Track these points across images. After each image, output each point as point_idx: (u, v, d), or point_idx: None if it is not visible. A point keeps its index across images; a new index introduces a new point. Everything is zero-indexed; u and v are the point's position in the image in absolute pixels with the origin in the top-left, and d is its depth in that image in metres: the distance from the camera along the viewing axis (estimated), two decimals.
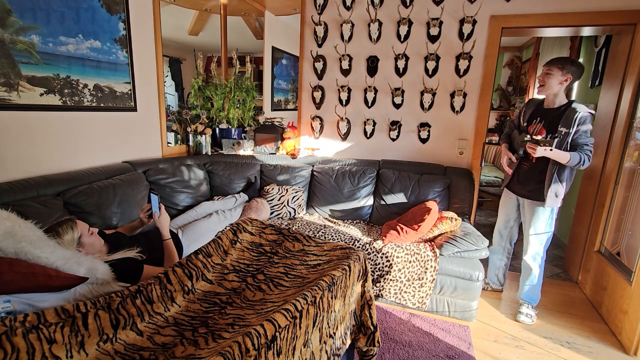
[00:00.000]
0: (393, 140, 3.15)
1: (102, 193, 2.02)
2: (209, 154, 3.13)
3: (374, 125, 3.18)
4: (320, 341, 1.25)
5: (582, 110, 2.01)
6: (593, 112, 2.05)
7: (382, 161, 3.05)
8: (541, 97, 2.28)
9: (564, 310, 2.47)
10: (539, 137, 2.04)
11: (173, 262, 1.75)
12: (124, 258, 1.56)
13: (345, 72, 3.16)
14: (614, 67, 2.66)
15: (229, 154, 3.16)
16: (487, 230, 4.03)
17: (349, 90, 3.18)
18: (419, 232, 2.35)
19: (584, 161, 2.00)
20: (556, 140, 1.98)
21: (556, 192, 2.12)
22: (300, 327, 1.12)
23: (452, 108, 2.94)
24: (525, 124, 2.29)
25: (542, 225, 2.23)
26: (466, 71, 2.84)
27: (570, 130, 2.02)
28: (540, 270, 2.33)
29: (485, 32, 2.76)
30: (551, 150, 1.96)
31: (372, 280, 2.29)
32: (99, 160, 2.31)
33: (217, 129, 3.32)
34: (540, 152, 1.99)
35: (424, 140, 3.07)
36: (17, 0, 1.75)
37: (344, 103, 3.21)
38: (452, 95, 2.90)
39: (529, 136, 2.15)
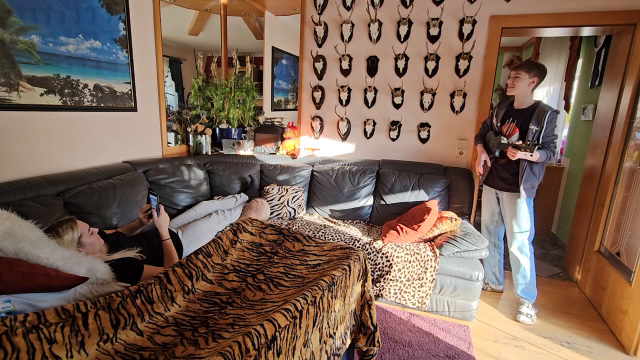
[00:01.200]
0: (393, 140, 3.16)
1: (102, 193, 2.02)
2: (209, 154, 3.13)
3: (374, 125, 3.18)
4: (320, 341, 1.25)
5: (550, 110, 2.18)
6: (558, 110, 2.26)
7: (382, 161, 3.05)
8: (510, 99, 2.39)
9: (564, 310, 2.47)
10: (519, 143, 2.22)
11: (172, 262, 1.75)
12: (123, 258, 1.56)
13: (345, 72, 3.16)
14: (613, 67, 2.66)
15: (229, 154, 3.16)
16: None
17: (349, 90, 3.18)
18: (419, 232, 2.35)
19: (550, 157, 2.19)
20: (536, 147, 2.14)
21: (532, 185, 2.26)
22: (300, 327, 1.12)
23: (452, 108, 2.94)
24: (498, 124, 2.39)
25: (523, 218, 2.31)
26: (466, 71, 2.84)
27: (541, 128, 2.18)
28: (531, 263, 2.36)
29: (485, 32, 2.76)
30: (531, 155, 2.13)
31: (372, 280, 2.29)
32: (99, 160, 2.31)
33: (217, 129, 3.33)
34: (521, 155, 2.15)
35: (424, 140, 3.08)
36: (17, 0, 1.75)
37: (344, 103, 3.21)
38: (452, 95, 2.90)
39: (505, 138, 2.29)
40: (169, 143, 2.94)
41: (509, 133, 2.32)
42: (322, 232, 2.50)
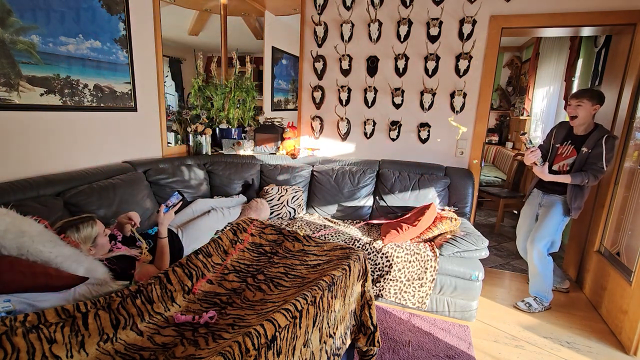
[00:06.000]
0: (393, 140, 3.16)
1: (102, 193, 2.02)
2: (209, 154, 3.13)
3: (374, 125, 3.18)
4: (320, 341, 1.25)
5: (605, 134, 2.19)
6: (616, 136, 2.26)
7: (382, 161, 3.05)
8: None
9: (564, 310, 2.47)
10: (570, 160, 2.31)
11: (164, 261, 1.74)
12: (118, 256, 1.56)
13: (345, 72, 3.16)
14: (613, 67, 2.66)
15: (229, 154, 3.16)
16: (487, 230, 4.03)
17: (349, 90, 3.18)
18: (419, 228, 2.34)
19: (585, 180, 2.18)
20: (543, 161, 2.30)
21: (579, 205, 2.30)
22: (300, 327, 1.12)
23: (452, 108, 2.94)
24: (557, 145, 2.41)
25: (551, 225, 2.36)
26: (466, 71, 2.84)
27: (589, 150, 2.21)
28: (546, 271, 2.39)
29: (485, 32, 2.76)
30: (538, 165, 2.28)
31: (372, 280, 2.29)
32: (99, 160, 2.31)
33: (217, 129, 3.32)
34: (530, 159, 2.31)
35: (424, 140, 3.08)
36: (17, 0, 1.75)
37: (344, 103, 3.21)
38: (452, 95, 2.90)
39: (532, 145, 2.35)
40: (169, 143, 2.94)
41: (565, 155, 2.34)
42: (322, 232, 2.49)
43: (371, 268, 2.30)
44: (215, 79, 3.28)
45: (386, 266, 2.27)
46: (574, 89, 3.69)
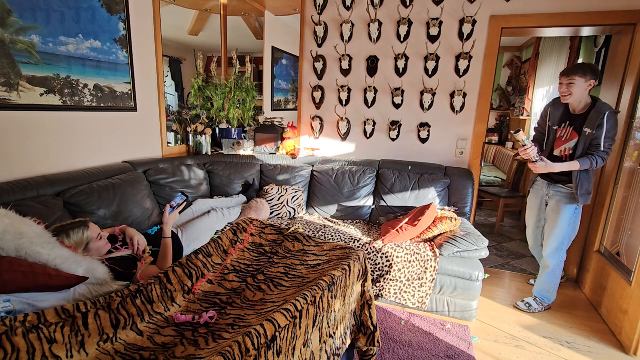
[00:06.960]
0: (393, 140, 3.16)
1: (102, 193, 2.02)
2: (209, 154, 3.13)
3: (374, 125, 3.18)
4: (320, 341, 1.25)
5: (607, 111, 2.03)
6: (617, 110, 2.13)
7: (382, 161, 3.05)
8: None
9: (564, 310, 2.47)
10: (572, 142, 2.14)
11: (167, 261, 1.76)
12: (121, 257, 1.57)
13: (345, 72, 3.16)
14: (613, 67, 2.66)
15: (229, 154, 3.16)
16: (487, 230, 4.03)
17: (349, 90, 3.18)
18: (419, 228, 2.34)
19: (594, 164, 2.06)
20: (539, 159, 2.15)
21: (587, 190, 2.18)
22: (300, 327, 1.12)
23: (452, 108, 2.94)
24: (554, 127, 2.28)
25: (566, 222, 2.26)
26: (466, 71, 2.84)
27: (593, 131, 2.06)
28: (558, 269, 2.38)
29: (485, 32, 2.76)
30: (535, 162, 2.14)
31: (372, 280, 2.29)
32: (99, 160, 2.31)
33: (217, 129, 3.33)
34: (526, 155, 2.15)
35: (424, 140, 3.08)
36: (17, 0, 1.75)
37: (344, 103, 3.21)
38: (452, 95, 2.90)
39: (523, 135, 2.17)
40: (169, 143, 2.94)
41: (565, 138, 2.19)
42: (322, 232, 2.50)
43: (371, 268, 2.30)
44: (215, 79, 3.28)
45: (386, 266, 2.27)
46: None
